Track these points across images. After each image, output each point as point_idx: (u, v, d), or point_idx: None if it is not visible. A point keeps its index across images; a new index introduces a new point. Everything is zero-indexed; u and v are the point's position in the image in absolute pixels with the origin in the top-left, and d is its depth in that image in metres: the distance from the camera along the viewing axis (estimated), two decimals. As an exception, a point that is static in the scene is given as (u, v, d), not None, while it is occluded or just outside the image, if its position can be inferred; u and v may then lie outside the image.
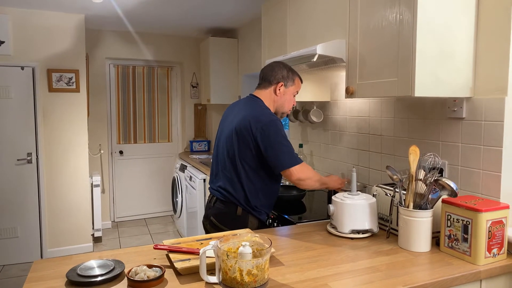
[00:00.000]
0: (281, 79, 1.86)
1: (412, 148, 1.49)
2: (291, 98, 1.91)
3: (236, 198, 1.83)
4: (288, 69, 1.89)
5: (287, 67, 1.89)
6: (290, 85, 1.88)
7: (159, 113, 4.99)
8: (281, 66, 1.88)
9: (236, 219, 1.83)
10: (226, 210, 1.85)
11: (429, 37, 1.42)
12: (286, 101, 1.90)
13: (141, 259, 1.39)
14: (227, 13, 3.78)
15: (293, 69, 1.92)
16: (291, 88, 1.89)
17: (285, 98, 1.89)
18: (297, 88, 1.91)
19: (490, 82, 1.51)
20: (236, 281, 1.11)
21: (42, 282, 1.21)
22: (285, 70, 1.87)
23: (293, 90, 1.90)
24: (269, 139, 1.72)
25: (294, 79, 1.89)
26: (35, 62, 3.69)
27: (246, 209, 1.83)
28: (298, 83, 1.92)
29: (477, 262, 1.34)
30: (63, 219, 3.92)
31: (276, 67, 1.88)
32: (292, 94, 1.90)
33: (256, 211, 1.84)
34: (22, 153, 3.70)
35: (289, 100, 1.90)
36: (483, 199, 1.45)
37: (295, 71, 1.91)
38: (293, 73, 1.89)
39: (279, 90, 1.86)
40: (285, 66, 1.90)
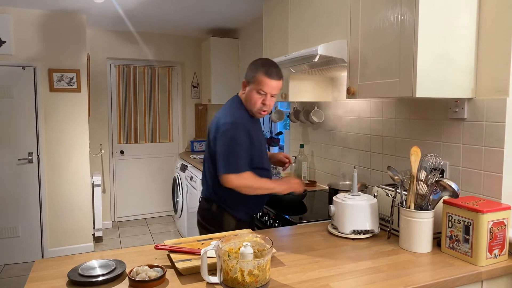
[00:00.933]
0: (246, 76, 1.78)
1: (413, 148, 1.49)
2: (254, 97, 1.75)
3: (209, 194, 1.87)
4: (256, 65, 1.75)
5: (256, 63, 1.77)
6: (251, 83, 1.76)
7: (160, 113, 4.99)
8: (253, 64, 1.78)
9: (213, 216, 1.86)
10: (206, 207, 1.90)
11: (431, 37, 1.42)
12: (249, 100, 1.78)
13: (142, 259, 1.39)
14: (228, 13, 3.78)
15: (264, 65, 1.74)
16: (252, 86, 1.75)
17: (249, 97, 1.77)
18: (259, 86, 1.73)
19: (491, 83, 1.51)
20: (237, 281, 1.11)
21: (44, 281, 1.21)
22: (252, 67, 1.76)
23: (255, 88, 1.74)
24: (218, 141, 1.73)
25: (255, 76, 1.73)
26: (36, 62, 3.69)
27: (220, 206, 1.84)
28: (261, 81, 1.72)
29: (478, 263, 1.34)
30: (64, 219, 3.92)
31: (250, 64, 1.79)
32: (255, 92, 1.75)
33: (232, 209, 1.84)
34: (23, 153, 3.70)
35: (252, 99, 1.76)
36: (484, 200, 1.45)
37: (261, 68, 1.73)
38: (256, 69, 1.74)
39: (245, 89, 1.79)
40: (255, 62, 1.78)
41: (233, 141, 1.70)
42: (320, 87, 2.56)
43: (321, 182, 2.75)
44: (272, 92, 1.76)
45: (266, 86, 1.74)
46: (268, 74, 1.72)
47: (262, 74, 1.73)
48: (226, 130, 1.72)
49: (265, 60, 1.80)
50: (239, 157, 1.70)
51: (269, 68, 1.73)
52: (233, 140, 1.70)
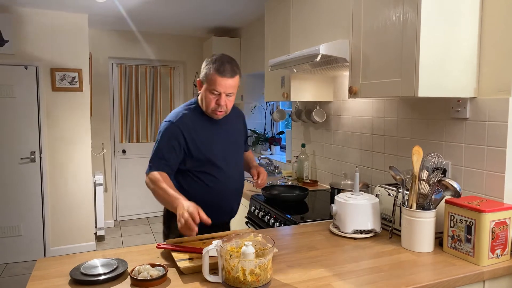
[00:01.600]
0: (200, 75, 1.66)
1: (415, 148, 1.48)
2: (208, 97, 1.63)
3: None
4: (208, 62, 1.63)
5: (209, 60, 1.64)
6: (204, 81, 1.64)
7: (162, 112, 4.99)
8: (206, 60, 1.66)
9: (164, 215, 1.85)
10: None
11: (433, 37, 1.42)
12: (204, 100, 1.67)
13: (144, 258, 1.39)
14: (230, 13, 3.78)
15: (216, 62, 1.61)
16: (205, 86, 1.64)
17: (203, 96, 1.67)
18: (212, 86, 1.60)
19: (494, 83, 1.50)
20: (239, 280, 1.11)
21: (46, 280, 1.22)
22: (205, 64, 1.64)
23: (208, 88, 1.63)
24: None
25: (207, 74, 1.61)
26: (39, 61, 3.70)
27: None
28: (213, 80, 1.60)
29: (480, 263, 1.34)
30: (66, 218, 3.93)
31: (204, 61, 1.67)
32: (208, 92, 1.63)
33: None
34: (26, 152, 3.71)
35: (206, 99, 1.65)
36: (486, 200, 1.45)
37: (211, 65, 1.61)
38: (209, 68, 1.61)
39: (199, 89, 1.69)
40: (209, 60, 1.64)
41: (157, 141, 1.68)
42: (322, 87, 2.56)
43: (322, 181, 2.75)
44: (226, 91, 1.62)
45: (219, 85, 1.60)
46: (220, 72, 1.59)
47: (214, 72, 1.59)
48: (161, 129, 1.69)
49: (219, 56, 1.65)
50: (153, 158, 1.67)
51: (221, 65, 1.59)
52: (157, 141, 1.68)
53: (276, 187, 2.46)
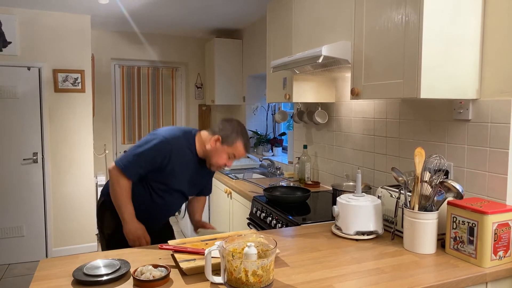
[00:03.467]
0: (222, 134, 1.80)
1: (417, 149, 1.48)
2: (222, 156, 1.81)
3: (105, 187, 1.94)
4: (236, 131, 1.81)
5: (237, 129, 1.82)
6: (227, 145, 1.80)
7: (164, 114, 5.00)
8: (232, 126, 1.82)
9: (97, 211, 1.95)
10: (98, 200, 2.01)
11: (435, 38, 1.42)
12: (216, 156, 1.81)
13: (146, 259, 1.39)
14: (232, 14, 3.78)
15: (243, 135, 1.82)
16: (226, 148, 1.80)
17: (216, 152, 1.81)
18: (234, 151, 1.81)
19: (496, 84, 1.50)
20: (241, 281, 1.11)
21: (49, 281, 1.22)
22: (230, 130, 1.80)
23: (228, 151, 1.81)
24: (140, 140, 1.79)
25: (234, 142, 1.80)
26: (42, 62, 3.72)
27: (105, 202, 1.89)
28: (237, 149, 1.81)
29: (482, 265, 1.33)
30: (68, 219, 3.94)
31: (228, 123, 1.83)
32: (225, 153, 1.81)
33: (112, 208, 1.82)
34: (28, 153, 3.72)
35: (220, 157, 1.81)
36: (489, 201, 1.44)
37: (241, 138, 1.81)
38: (237, 138, 1.80)
39: (215, 143, 1.80)
40: (235, 128, 1.82)
41: (144, 146, 1.72)
42: (324, 88, 2.57)
43: (324, 183, 2.75)
44: (238, 158, 1.87)
45: (239, 155, 1.84)
46: (246, 148, 1.84)
47: (241, 144, 1.82)
48: (152, 138, 1.73)
49: (243, 128, 1.85)
50: (131, 161, 1.71)
51: (247, 142, 1.85)
52: (144, 146, 1.72)
53: (278, 188, 2.46)
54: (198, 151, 1.84)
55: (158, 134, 1.76)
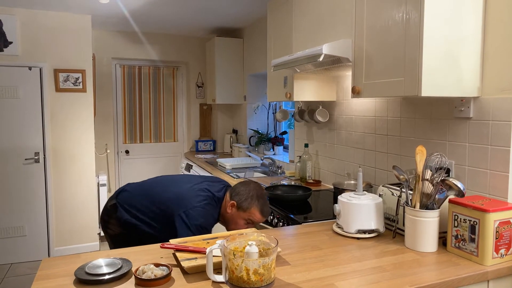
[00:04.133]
0: (237, 199, 1.76)
1: (418, 148, 1.48)
2: (239, 223, 1.77)
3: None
4: (251, 196, 1.76)
5: (253, 194, 1.76)
6: (242, 211, 1.76)
7: (165, 113, 5.01)
8: (248, 190, 1.78)
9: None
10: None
11: (436, 36, 1.42)
12: (232, 222, 1.78)
13: (148, 258, 1.40)
14: (233, 13, 3.78)
15: (259, 199, 1.76)
16: (242, 214, 1.76)
17: (233, 219, 1.78)
18: (250, 216, 1.76)
19: (498, 82, 1.50)
20: (243, 280, 1.11)
21: (51, 280, 1.22)
22: (245, 195, 1.76)
23: (244, 216, 1.77)
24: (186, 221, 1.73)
25: (250, 208, 1.75)
26: (43, 62, 3.72)
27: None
28: (253, 215, 1.76)
29: (484, 263, 1.33)
30: (70, 218, 3.95)
31: (244, 187, 1.79)
32: (242, 219, 1.77)
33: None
34: (30, 153, 3.73)
35: (238, 224, 1.78)
36: (490, 199, 1.44)
37: (257, 202, 1.75)
38: (251, 203, 1.75)
39: (231, 209, 1.77)
40: (251, 191, 1.77)
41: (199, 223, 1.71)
42: (325, 86, 2.56)
43: (326, 181, 2.75)
44: (257, 224, 1.81)
45: (256, 220, 1.78)
46: (262, 212, 1.77)
47: (257, 210, 1.76)
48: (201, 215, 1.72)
49: (260, 192, 1.80)
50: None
51: (264, 206, 1.78)
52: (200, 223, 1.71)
53: (279, 187, 2.46)
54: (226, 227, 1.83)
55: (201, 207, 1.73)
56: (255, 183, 1.83)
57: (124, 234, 1.86)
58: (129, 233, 1.85)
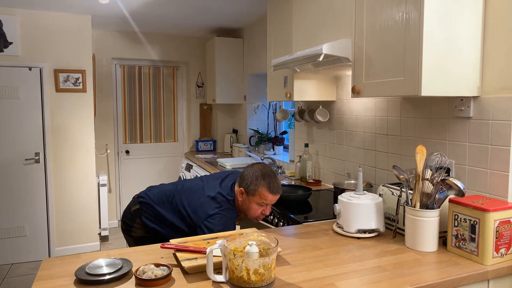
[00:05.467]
0: (244, 185, 1.72)
1: (418, 147, 1.48)
2: (254, 207, 1.73)
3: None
4: (256, 177, 1.71)
5: (257, 174, 1.71)
6: (251, 195, 1.71)
7: (165, 113, 5.01)
8: (252, 171, 1.73)
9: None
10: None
11: (436, 36, 1.42)
12: (247, 209, 1.75)
13: (148, 258, 1.40)
14: (233, 13, 3.78)
15: (265, 178, 1.70)
16: (253, 198, 1.71)
17: (246, 206, 1.74)
18: (262, 200, 1.71)
19: (498, 81, 1.50)
20: (243, 280, 1.11)
21: (52, 280, 1.23)
22: (250, 178, 1.71)
23: (256, 201, 1.72)
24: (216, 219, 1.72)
25: (257, 190, 1.70)
26: (43, 62, 3.73)
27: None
28: (263, 195, 1.70)
29: (484, 262, 1.33)
30: (71, 218, 3.95)
31: (249, 169, 1.75)
32: (255, 204, 1.72)
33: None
34: (30, 153, 3.74)
35: (252, 209, 1.74)
36: (490, 199, 1.44)
37: (263, 182, 1.69)
38: (257, 184, 1.69)
39: (242, 196, 1.74)
40: (256, 172, 1.72)
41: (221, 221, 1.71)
42: (325, 86, 2.56)
43: (326, 181, 2.75)
44: (273, 203, 1.75)
45: (269, 200, 1.72)
46: (271, 190, 1.71)
47: (266, 190, 1.70)
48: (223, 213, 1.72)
49: (264, 170, 1.74)
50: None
51: (271, 183, 1.71)
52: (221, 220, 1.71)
53: (279, 187, 2.46)
54: (236, 206, 1.80)
55: (222, 204, 1.73)
56: (259, 164, 1.77)
57: (148, 237, 1.85)
58: (153, 237, 1.85)
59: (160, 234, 1.84)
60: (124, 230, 1.94)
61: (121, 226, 1.96)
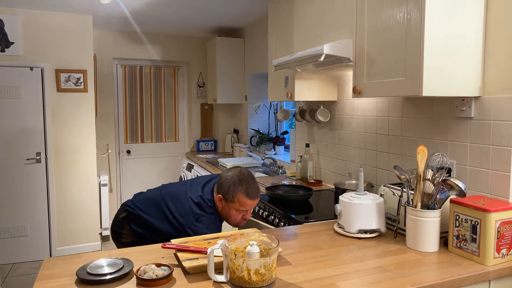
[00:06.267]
0: (222, 192, 1.68)
1: (420, 147, 1.48)
2: (233, 214, 1.70)
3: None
4: (233, 183, 1.66)
5: (234, 180, 1.67)
6: (230, 201, 1.67)
7: (166, 113, 5.01)
8: (229, 178, 1.69)
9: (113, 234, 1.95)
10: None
11: (437, 36, 1.42)
12: (227, 216, 1.72)
13: (149, 258, 1.40)
14: (234, 13, 3.78)
15: (242, 183, 1.66)
16: (232, 205, 1.68)
17: (226, 212, 1.71)
18: (240, 207, 1.67)
19: (499, 81, 1.50)
20: (244, 280, 1.11)
21: (53, 280, 1.23)
22: (227, 185, 1.67)
23: (235, 208, 1.68)
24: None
25: (235, 197, 1.65)
26: (44, 62, 3.73)
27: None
28: (241, 202, 1.66)
29: (485, 263, 1.33)
30: (72, 218, 3.96)
31: (226, 175, 1.70)
32: (234, 211, 1.69)
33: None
34: (31, 153, 3.74)
35: (232, 216, 1.71)
36: (491, 199, 1.44)
37: (240, 188, 1.65)
38: (235, 191, 1.65)
39: (220, 203, 1.71)
40: (233, 178, 1.67)
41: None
42: (326, 86, 2.56)
43: (327, 181, 2.74)
44: (252, 207, 1.72)
45: (248, 206, 1.68)
46: (249, 196, 1.66)
47: (243, 196, 1.65)
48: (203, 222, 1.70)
49: (241, 175, 1.69)
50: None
51: (248, 189, 1.66)
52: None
53: (280, 187, 2.46)
54: (226, 222, 1.79)
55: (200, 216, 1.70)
56: (236, 168, 1.72)
57: (138, 241, 1.85)
58: (143, 241, 1.85)
59: (149, 240, 1.83)
60: (114, 238, 1.93)
61: (111, 235, 1.94)
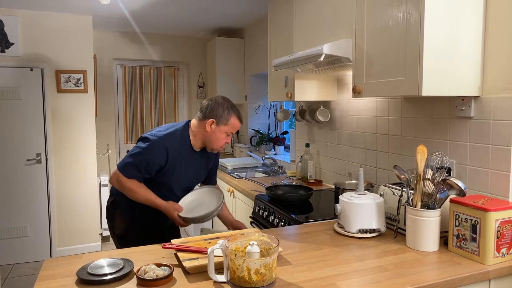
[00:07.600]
0: (214, 116, 1.80)
1: (419, 147, 1.48)
2: (221, 137, 1.83)
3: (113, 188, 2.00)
4: (226, 107, 1.81)
5: (226, 105, 1.82)
6: (223, 124, 1.80)
7: (166, 113, 5.01)
8: (220, 103, 1.82)
9: (108, 210, 2.01)
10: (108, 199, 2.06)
11: (437, 35, 1.42)
12: (215, 139, 1.83)
13: (149, 258, 1.40)
14: (234, 13, 3.78)
15: (233, 108, 1.84)
16: (223, 128, 1.81)
17: (215, 135, 1.82)
18: (231, 129, 1.83)
19: (498, 81, 1.50)
20: (244, 280, 1.11)
21: (53, 280, 1.23)
22: (221, 109, 1.80)
23: (226, 130, 1.82)
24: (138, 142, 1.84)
25: (229, 119, 1.81)
26: (44, 63, 3.73)
27: (115, 201, 1.97)
28: (233, 124, 1.83)
29: (485, 262, 1.33)
30: (72, 218, 3.96)
31: (215, 103, 1.82)
32: (223, 133, 1.82)
33: (121, 208, 1.94)
34: (32, 153, 3.74)
35: (219, 138, 1.83)
36: (491, 199, 1.44)
37: (233, 111, 1.83)
38: (229, 113, 1.81)
39: (210, 127, 1.80)
40: (224, 104, 1.82)
41: (139, 153, 1.76)
42: (326, 86, 2.56)
43: (327, 181, 2.75)
44: (234, 132, 1.87)
45: (237, 128, 1.86)
46: (239, 119, 1.85)
47: (235, 118, 1.83)
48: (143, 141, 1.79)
49: (229, 101, 1.85)
50: (130, 167, 1.75)
51: (238, 113, 1.86)
52: (139, 152, 1.76)
53: (280, 187, 2.47)
54: (193, 143, 1.85)
55: (150, 136, 1.79)
56: (221, 97, 1.86)
57: (129, 230, 1.90)
58: (133, 228, 1.89)
59: (138, 221, 1.88)
60: (110, 229, 2.00)
61: (108, 225, 2.02)
